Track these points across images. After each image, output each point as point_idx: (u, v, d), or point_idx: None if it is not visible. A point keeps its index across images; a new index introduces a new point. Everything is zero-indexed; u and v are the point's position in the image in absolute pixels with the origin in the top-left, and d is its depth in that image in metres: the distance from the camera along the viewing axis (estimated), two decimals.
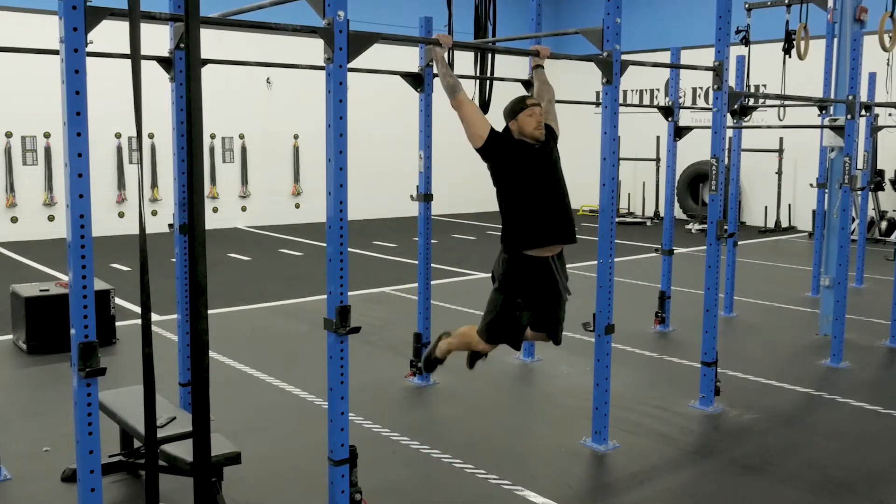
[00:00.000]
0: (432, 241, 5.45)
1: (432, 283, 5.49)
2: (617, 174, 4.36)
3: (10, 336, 6.42)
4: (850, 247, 6.29)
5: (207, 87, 2.74)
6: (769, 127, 8.07)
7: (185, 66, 2.60)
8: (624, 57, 4.28)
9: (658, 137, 15.34)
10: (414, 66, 5.27)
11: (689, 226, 14.22)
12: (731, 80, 7.23)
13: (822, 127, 6.93)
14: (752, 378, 5.64)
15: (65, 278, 7.11)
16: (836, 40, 7.02)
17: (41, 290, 6.13)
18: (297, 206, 14.63)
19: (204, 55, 2.71)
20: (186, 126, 2.61)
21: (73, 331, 2.68)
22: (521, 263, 3.93)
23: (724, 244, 6.74)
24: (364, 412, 4.78)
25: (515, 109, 3.97)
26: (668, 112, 6.84)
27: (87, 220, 2.65)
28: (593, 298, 4.39)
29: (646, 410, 5.00)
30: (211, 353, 2.78)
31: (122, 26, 2.57)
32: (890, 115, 11.99)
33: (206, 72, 2.81)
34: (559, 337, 4.30)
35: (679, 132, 6.82)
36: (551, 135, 4.14)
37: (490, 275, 4.20)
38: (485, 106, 5.42)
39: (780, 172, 14.22)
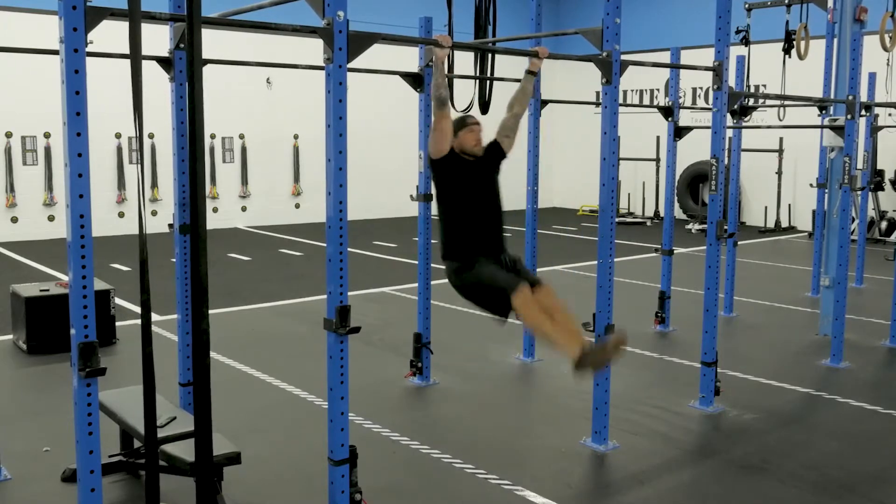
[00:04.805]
0: (432, 241, 5.45)
1: (432, 283, 5.49)
2: (617, 174, 4.37)
3: (10, 336, 6.42)
4: (850, 247, 6.29)
5: (207, 87, 2.74)
6: (769, 127, 8.08)
7: (187, 65, 2.60)
8: (624, 57, 4.28)
9: (658, 137, 15.34)
10: (414, 66, 5.27)
11: (689, 226, 14.22)
12: (731, 80, 7.23)
13: (822, 127, 6.93)
14: (752, 378, 5.64)
15: (65, 278, 7.11)
16: (836, 40, 7.02)
17: (41, 290, 6.13)
18: (297, 206, 14.63)
19: (204, 55, 2.71)
20: (188, 125, 2.61)
21: (73, 331, 2.68)
22: (461, 263, 4.12)
23: (724, 244, 6.74)
24: (364, 412, 4.78)
25: (458, 126, 4.19)
26: (668, 112, 6.84)
27: (87, 220, 2.65)
28: (593, 298, 4.39)
29: (646, 410, 5.00)
30: (211, 353, 2.78)
31: (122, 26, 2.57)
32: (890, 115, 12.00)
33: (206, 72, 2.81)
34: (529, 274, 4.19)
35: (679, 132, 6.82)
36: (497, 152, 4.31)
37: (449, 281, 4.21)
38: (485, 106, 5.43)
39: (780, 172, 14.22)
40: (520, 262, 4.24)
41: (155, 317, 6.15)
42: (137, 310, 7.29)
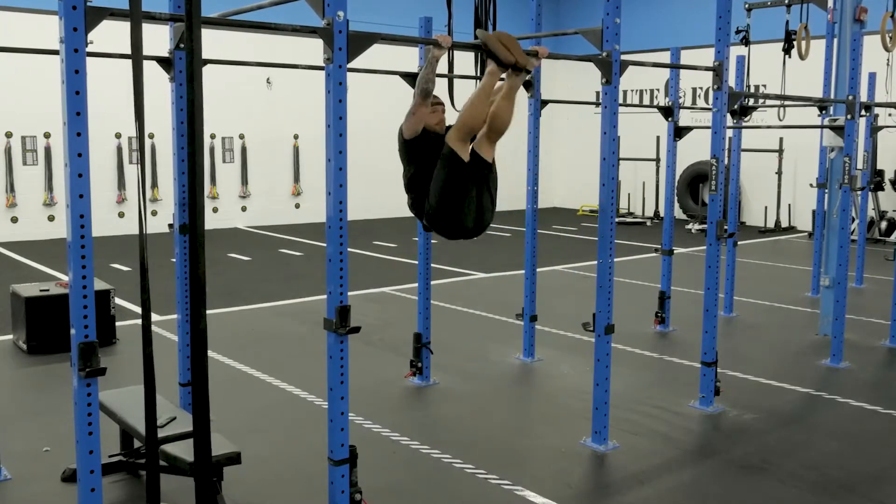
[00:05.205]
0: (432, 241, 5.45)
1: (432, 283, 5.49)
2: (617, 174, 4.36)
3: (10, 336, 6.42)
4: (850, 247, 6.29)
5: (207, 87, 2.74)
6: (769, 127, 8.08)
7: (187, 65, 2.60)
8: (624, 57, 4.28)
9: (658, 137, 15.34)
10: (414, 67, 5.26)
11: (689, 226, 14.21)
12: (731, 80, 7.23)
13: (822, 127, 6.93)
14: (752, 378, 5.65)
15: (65, 278, 7.11)
16: (836, 40, 7.02)
17: (41, 290, 6.13)
18: (297, 206, 14.63)
19: (204, 55, 2.70)
20: (188, 125, 2.61)
21: (73, 331, 2.68)
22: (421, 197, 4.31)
23: (724, 244, 6.74)
24: (364, 412, 4.78)
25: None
26: (668, 112, 6.84)
27: (87, 220, 2.65)
28: (593, 298, 4.39)
29: (646, 410, 5.00)
30: (211, 353, 2.79)
31: (123, 26, 2.57)
32: (890, 115, 12.00)
33: (206, 72, 2.81)
34: None
35: (679, 132, 6.82)
36: None
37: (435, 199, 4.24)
38: None
39: (780, 172, 14.22)
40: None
41: (155, 317, 6.15)
42: (137, 310, 7.30)
